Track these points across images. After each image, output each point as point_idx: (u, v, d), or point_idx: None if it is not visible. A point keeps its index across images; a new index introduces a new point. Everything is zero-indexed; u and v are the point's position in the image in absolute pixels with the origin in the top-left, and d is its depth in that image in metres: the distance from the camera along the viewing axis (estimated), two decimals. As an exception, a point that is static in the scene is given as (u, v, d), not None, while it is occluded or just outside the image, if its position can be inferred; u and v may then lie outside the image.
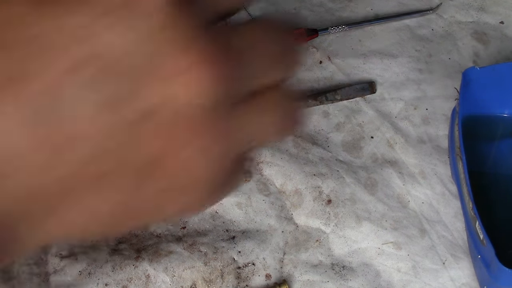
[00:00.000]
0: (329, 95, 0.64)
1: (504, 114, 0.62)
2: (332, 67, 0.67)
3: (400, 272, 0.55)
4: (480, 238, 0.50)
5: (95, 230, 0.26)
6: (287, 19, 0.29)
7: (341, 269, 0.55)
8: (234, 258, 0.55)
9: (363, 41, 0.69)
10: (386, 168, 0.60)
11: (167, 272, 0.53)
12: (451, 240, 0.57)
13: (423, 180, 0.60)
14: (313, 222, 0.57)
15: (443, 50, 0.69)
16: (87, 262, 0.53)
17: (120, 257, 0.53)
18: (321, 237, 0.56)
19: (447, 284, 0.54)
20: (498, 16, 0.72)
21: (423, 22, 0.71)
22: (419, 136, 0.63)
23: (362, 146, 0.62)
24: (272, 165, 0.60)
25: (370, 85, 0.65)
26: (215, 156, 0.26)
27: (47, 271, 0.53)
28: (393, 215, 0.58)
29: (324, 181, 0.59)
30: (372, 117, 0.64)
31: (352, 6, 0.72)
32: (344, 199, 0.58)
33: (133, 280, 0.52)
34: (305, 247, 0.56)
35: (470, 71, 0.57)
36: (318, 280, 0.54)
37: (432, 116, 0.64)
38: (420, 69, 0.67)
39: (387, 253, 0.56)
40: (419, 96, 0.65)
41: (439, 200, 0.59)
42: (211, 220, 0.57)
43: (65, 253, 0.54)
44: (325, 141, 0.62)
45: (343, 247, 0.56)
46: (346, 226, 0.57)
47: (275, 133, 0.28)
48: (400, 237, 0.56)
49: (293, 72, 0.29)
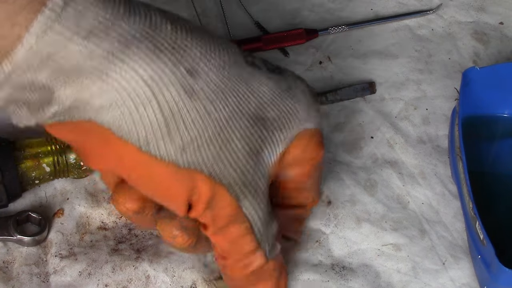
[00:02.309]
0: (329, 95, 0.64)
1: (504, 114, 0.62)
2: (332, 67, 0.67)
3: (400, 273, 0.55)
4: (480, 238, 0.50)
5: None
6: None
7: (341, 270, 0.55)
8: (234, 258, 0.55)
9: (363, 41, 0.69)
10: (386, 169, 0.60)
11: (167, 273, 0.53)
12: (451, 240, 0.57)
13: (423, 180, 0.60)
14: (313, 223, 0.57)
15: (443, 50, 0.69)
16: (87, 263, 0.53)
17: (120, 257, 0.53)
18: (321, 238, 0.56)
19: (447, 284, 0.54)
20: (498, 16, 0.72)
21: (423, 22, 0.71)
22: (419, 136, 0.63)
23: (362, 146, 0.62)
24: (272, 165, 0.60)
25: (370, 85, 0.65)
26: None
27: (47, 271, 0.53)
28: (393, 216, 0.58)
29: (324, 182, 0.59)
30: (372, 117, 0.64)
31: (352, 6, 0.72)
32: (344, 201, 0.58)
33: (133, 281, 0.52)
34: (305, 247, 0.56)
35: (470, 71, 0.57)
36: (319, 279, 0.54)
37: (432, 116, 0.64)
38: (420, 69, 0.67)
39: (387, 254, 0.56)
40: (419, 96, 0.65)
41: (439, 200, 0.59)
42: (211, 221, 0.57)
43: (65, 253, 0.54)
44: (325, 141, 0.62)
45: (343, 248, 0.56)
46: (346, 227, 0.57)
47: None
48: (400, 238, 0.56)
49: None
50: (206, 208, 0.39)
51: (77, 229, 0.55)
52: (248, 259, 0.42)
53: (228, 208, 0.39)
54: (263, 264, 0.42)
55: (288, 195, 0.45)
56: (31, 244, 0.53)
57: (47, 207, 0.56)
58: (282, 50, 0.68)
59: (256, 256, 0.42)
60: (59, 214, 0.55)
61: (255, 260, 0.42)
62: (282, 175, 0.43)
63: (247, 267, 0.42)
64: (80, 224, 0.55)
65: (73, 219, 0.55)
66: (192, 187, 0.38)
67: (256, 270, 0.43)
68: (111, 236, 0.55)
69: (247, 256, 0.42)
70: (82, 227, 0.55)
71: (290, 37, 0.67)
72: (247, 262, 0.42)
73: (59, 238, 0.54)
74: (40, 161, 0.53)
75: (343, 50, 0.68)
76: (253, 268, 0.42)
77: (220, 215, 0.40)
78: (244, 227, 0.40)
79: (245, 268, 0.42)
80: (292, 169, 0.43)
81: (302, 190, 0.45)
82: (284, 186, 0.44)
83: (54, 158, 0.54)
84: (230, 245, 0.41)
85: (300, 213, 0.48)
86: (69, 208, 0.56)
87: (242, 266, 0.42)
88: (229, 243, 0.41)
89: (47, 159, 0.54)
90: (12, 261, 0.53)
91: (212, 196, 0.39)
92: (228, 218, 0.40)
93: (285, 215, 0.46)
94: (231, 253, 0.42)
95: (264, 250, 0.42)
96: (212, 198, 0.39)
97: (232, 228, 0.40)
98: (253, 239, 0.41)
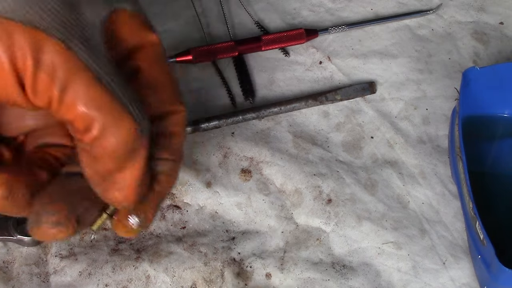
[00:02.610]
0: (329, 95, 0.64)
1: (504, 114, 0.62)
2: (332, 67, 0.67)
3: (400, 272, 0.55)
4: (480, 238, 0.50)
5: None
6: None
7: (341, 268, 0.55)
8: (234, 258, 0.55)
9: (363, 41, 0.69)
10: (386, 169, 0.60)
11: (167, 273, 0.53)
12: (451, 240, 0.57)
13: (423, 180, 0.60)
14: (313, 221, 0.57)
15: (443, 50, 0.69)
16: (87, 263, 0.53)
17: (120, 257, 0.53)
18: (322, 236, 0.56)
19: (447, 284, 0.54)
20: (498, 16, 0.72)
21: (423, 22, 0.71)
22: (419, 136, 0.63)
23: (362, 146, 0.62)
24: (272, 164, 0.60)
25: (370, 85, 0.65)
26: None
27: (47, 271, 0.53)
28: (393, 215, 0.58)
29: (324, 181, 0.59)
30: (372, 117, 0.64)
31: (352, 6, 0.72)
32: (344, 199, 0.58)
33: (133, 281, 0.52)
34: (305, 245, 0.56)
35: (470, 71, 0.57)
36: (319, 278, 0.54)
37: (432, 116, 0.64)
38: (420, 69, 0.67)
39: (387, 253, 0.56)
40: (419, 96, 0.65)
41: (439, 200, 0.59)
42: (211, 221, 0.57)
43: (65, 253, 0.54)
44: (325, 141, 0.62)
45: (343, 246, 0.56)
46: (347, 225, 0.57)
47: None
48: (400, 237, 0.56)
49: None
50: (36, 68, 0.35)
51: (77, 229, 0.55)
52: (114, 123, 0.37)
53: (58, 55, 0.35)
54: (134, 132, 0.37)
55: (144, 93, 0.41)
56: (31, 244, 0.53)
57: (47, 207, 0.56)
58: (282, 50, 0.68)
59: (123, 118, 0.37)
60: (59, 214, 0.55)
61: (122, 123, 0.37)
62: (120, 53, 0.40)
63: (114, 135, 0.37)
64: (80, 224, 0.55)
65: (73, 219, 0.55)
66: (9, 44, 0.34)
67: (126, 142, 0.37)
68: (111, 236, 0.55)
69: (113, 119, 0.37)
70: (82, 227, 0.55)
71: (290, 37, 0.67)
72: (114, 129, 0.37)
73: (59, 238, 0.54)
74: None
75: (343, 50, 0.68)
76: (122, 134, 0.37)
77: (54, 67, 0.35)
78: (91, 76, 0.36)
79: (112, 135, 0.37)
80: (127, 45, 0.41)
81: (155, 88, 0.42)
82: (136, 82, 0.41)
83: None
84: (86, 106, 0.36)
85: (168, 126, 0.43)
86: (69, 208, 0.56)
87: (109, 134, 0.37)
88: (83, 103, 0.36)
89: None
90: (12, 261, 0.53)
91: (35, 46, 0.35)
92: (66, 69, 0.36)
93: (155, 131, 0.42)
94: (90, 118, 0.36)
95: (132, 114, 0.37)
96: (36, 50, 0.35)
97: (79, 81, 0.36)
98: (107, 92, 0.36)
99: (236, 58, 0.67)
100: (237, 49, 0.66)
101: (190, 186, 0.58)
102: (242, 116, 0.62)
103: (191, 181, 0.58)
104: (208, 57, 0.66)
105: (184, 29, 0.69)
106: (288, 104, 0.63)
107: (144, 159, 0.39)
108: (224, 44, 0.66)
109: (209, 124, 0.61)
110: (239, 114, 0.62)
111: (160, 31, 0.41)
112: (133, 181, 0.39)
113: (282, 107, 0.63)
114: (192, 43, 0.67)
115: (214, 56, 0.66)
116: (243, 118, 0.62)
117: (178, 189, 0.58)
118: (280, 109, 0.63)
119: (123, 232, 0.42)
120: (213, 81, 0.66)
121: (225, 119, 0.62)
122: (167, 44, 0.67)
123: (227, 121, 0.62)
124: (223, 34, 0.69)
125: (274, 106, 0.63)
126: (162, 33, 0.38)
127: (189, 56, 0.65)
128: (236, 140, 0.61)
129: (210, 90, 0.65)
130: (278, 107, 0.63)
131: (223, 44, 0.66)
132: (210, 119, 0.61)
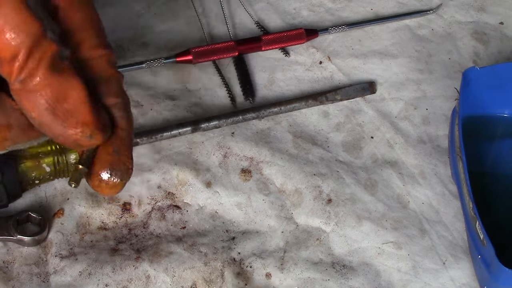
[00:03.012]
0: (329, 95, 0.64)
1: (504, 114, 0.62)
2: (332, 67, 0.67)
3: (400, 272, 0.55)
4: (480, 238, 0.50)
5: None
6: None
7: (341, 268, 0.55)
8: (234, 258, 0.55)
9: (363, 41, 0.69)
10: (386, 169, 0.60)
11: (167, 273, 0.53)
12: (451, 240, 0.57)
13: (423, 180, 0.60)
14: (313, 221, 0.57)
15: (443, 50, 0.69)
16: (87, 263, 0.53)
17: (120, 257, 0.53)
18: (322, 236, 0.56)
19: (447, 284, 0.54)
20: (498, 16, 0.72)
21: (423, 22, 0.71)
22: (419, 136, 0.63)
23: (362, 146, 0.62)
24: (272, 164, 0.60)
25: (370, 85, 0.65)
26: None
27: (47, 271, 0.53)
28: (393, 215, 0.58)
29: (324, 181, 0.59)
30: (372, 117, 0.64)
31: (352, 6, 0.72)
32: (344, 199, 0.58)
33: (134, 281, 0.52)
34: (305, 245, 0.56)
35: (470, 71, 0.57)
36: (319, 278, 0.54)
37: (432, 116, 0.64)
38: (420, 69, 0.67)
39: (387, 253, 0.56)
40: (419, 96, 0.65)
41: (439, 200, 0.59)
42: (211, 221, 0.57)
43: (65, 253, 0.54)
44: (325, 141, 0.62)
45: (343, 246, 0.56)
46: (347, 225, 0.57)
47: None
48: (400, 237, 0.56)
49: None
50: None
51: (77, 229, 0.55)
52: (37, 47, 0.37)
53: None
54: (54, 51, 0.37)
55: (70, 36, 0.41)
56: (31, 244, 0.53)
57: (47, 207, 0.56)
58: (282, 50, 0.68)
59: (46, 42, 0.37)
60: (59, 214, 0.55)
61: (43, 47, 0.37)
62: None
63: (41, 62, 0.37)
64: (80, 224, 0.55)
65: (73, 219, 0.55)
66: None
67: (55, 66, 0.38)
68: (111, 236, 0.55)
69: (34, 44, 0.37)
70: (82, 227, 0.55)
71: (290, 37, 0.67)
72: (37, 55, 0.37)
73: (59, 238, 0.54)
74: (40, 161, 0.53)
75: (343, 50, 0.68)
76: (46, 60, 0.37)
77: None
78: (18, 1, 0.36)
79: (37, 62, 0.37)
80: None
81: (75, 28, 0.42)
82: (56, 22, 0.41)
83: (54, 158, 0.54)
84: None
85: (99, 72, 0.43)
86: (69, 208, 0.56)
87: (34, 58, 0.37)
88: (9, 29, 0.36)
89: (47, 159, 0.54)
90: (12, 261, 0.53)
91: None
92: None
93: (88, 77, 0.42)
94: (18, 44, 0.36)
95: (53, 39, 0.38)
96: None
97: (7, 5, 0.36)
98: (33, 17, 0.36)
99: (236, 58, 0.67)
100: (237, 49, 0.66)
101: (190, 186, 0.58)
102: (242, 116, 0.62)
103: (191, 181, 0.58)
104: (208, 57, 0.66)
105: (184, 29, 0.69)
106: (288, 104, 0.63)
107: (77, 77, 0.39)
108: (224, 44, 0.66)
109: (209, 124, 0.61)
110: (239, 114, 0.62)
111: (160, 31, 0.40)
112: (82, 99, 0.39)
113: (282, 107, 0.63)
114: (192, 43, 0.67)
115: (214, 56, 0.66)
116: (243, 118, 0.62)
117: (178, 189, 0.58)
118: (280, 109, 0.63)
119: (104, 187, 0.42)
120: (213, 81, 0.66)
121: (225, 119, 0.62)
122: (167, 44, 0.67)
123: (227, 121, 0.62)
124: (223, 34, 0.69)
125: (274, 106, 0.63)
126: (162, 33, 0.38)
127: (189, 56, 0.65)
128: (236, 140, 0.61)
129: (210, 90, 0.65)
130: (278, 107, 0.63)
131: (223, 44, 0.66)
132: (210, 119, 0.61)
